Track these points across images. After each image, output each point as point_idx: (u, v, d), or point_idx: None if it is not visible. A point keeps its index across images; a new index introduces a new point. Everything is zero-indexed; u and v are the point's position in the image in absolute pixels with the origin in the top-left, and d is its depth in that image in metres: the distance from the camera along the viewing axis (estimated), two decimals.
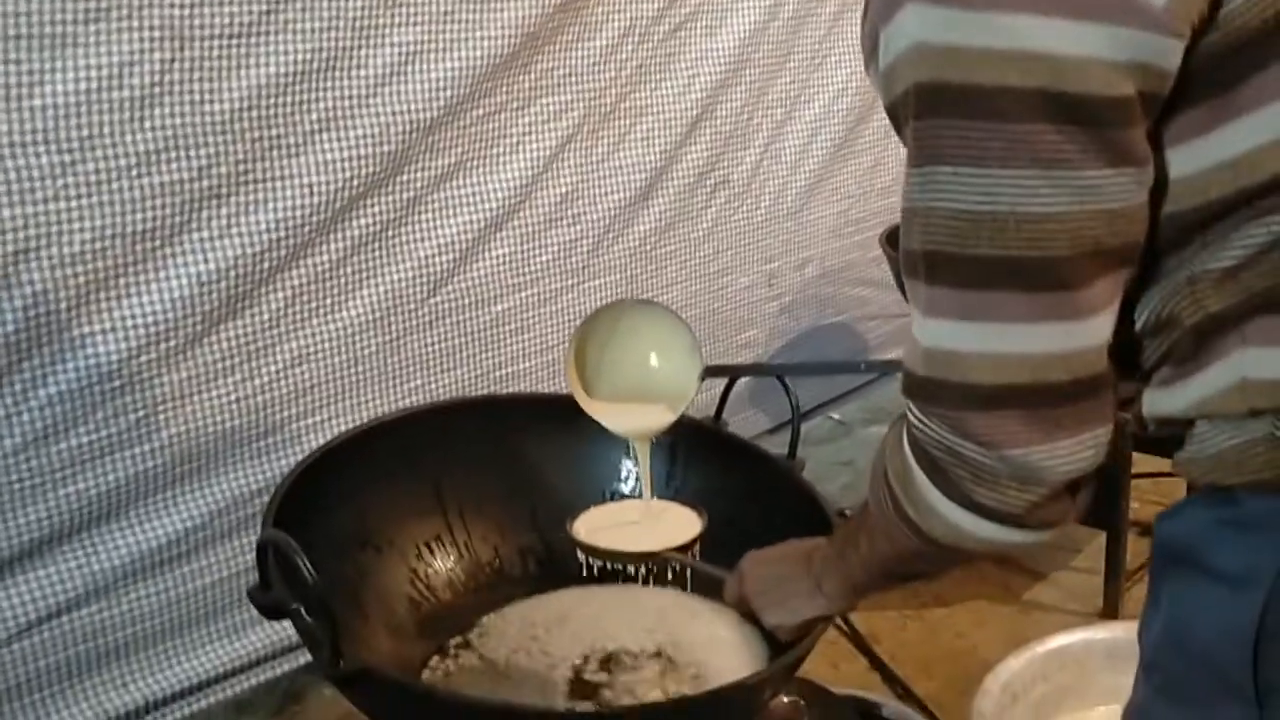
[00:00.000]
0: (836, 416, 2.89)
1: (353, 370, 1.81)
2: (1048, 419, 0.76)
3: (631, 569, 1.34)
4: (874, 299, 2.70)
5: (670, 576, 1.34)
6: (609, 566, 1.32)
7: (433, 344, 1.91)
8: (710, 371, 1.40)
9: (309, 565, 1.00)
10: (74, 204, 1.44)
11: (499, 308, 1.99)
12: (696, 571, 1.30)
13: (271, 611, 1.09)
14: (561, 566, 1.45)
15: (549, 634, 1.34)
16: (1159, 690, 0.85)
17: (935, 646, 2.02)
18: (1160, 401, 0.81)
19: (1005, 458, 0.76)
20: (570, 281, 2.08)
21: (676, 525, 1.34)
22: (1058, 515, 0.81)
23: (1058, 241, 0.73)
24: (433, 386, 1.92)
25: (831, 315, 2.65)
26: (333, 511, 1.32)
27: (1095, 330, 0.76)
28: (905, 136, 0.76)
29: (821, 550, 1.09)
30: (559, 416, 1.45)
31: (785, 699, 1.36)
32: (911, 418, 0.82)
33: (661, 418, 1.35)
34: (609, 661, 1.28)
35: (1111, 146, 0.72)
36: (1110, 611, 2.04)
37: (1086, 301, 0.75)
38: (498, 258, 1.96)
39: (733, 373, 1.54)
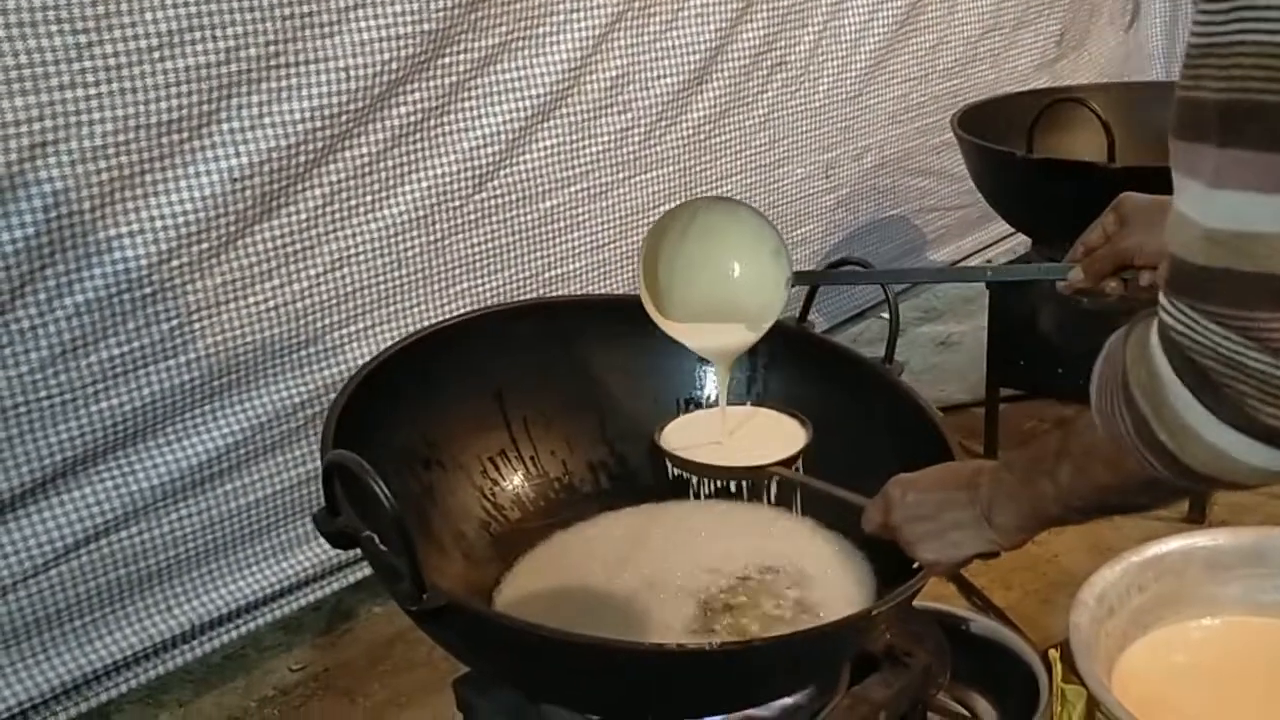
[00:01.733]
0: (887, 316, 2.78)
1: (396, 273, 1.70)
2: None
3: (732, 485, 1.20)
4: (934, 190, 2.57)
5: (769, 491, 1.21)
6: (701, 482, 1.19)
7: (479, 243, 1.79)
8: (799, 278, 1.25)
9: (386, 490, 0.89)
10: (92, 91, 1.31)
11: (547, 204, 1.86)
12: (816, 492, 1.15)
13: (340, 540, 0.98)
14: (634, 481, 1.35)
15: (636, 556, 1.23)
16: None
17: (1013, 555, 1.88)
18: None
19: None
20: (621, 175, 1.94)
21: (776, 436, 1.20)
22: None
23: None
24: (480, 289, 1.81)
25: (890, 208, 2.51)
26: (393, 427, 1.21)
27: None
28: None
29: (990, 475, 0.94)
30: (624, 319, 1.33)
31: None
32: (1171, 319, 0.66)
33: (744, 336, 1.21)
34: (716, 588, 1.18)
35: None
36: (1197, 516, 1.95)
37: None
38: (545, 149, 1.83)
39: (824, 280, 1.38)
